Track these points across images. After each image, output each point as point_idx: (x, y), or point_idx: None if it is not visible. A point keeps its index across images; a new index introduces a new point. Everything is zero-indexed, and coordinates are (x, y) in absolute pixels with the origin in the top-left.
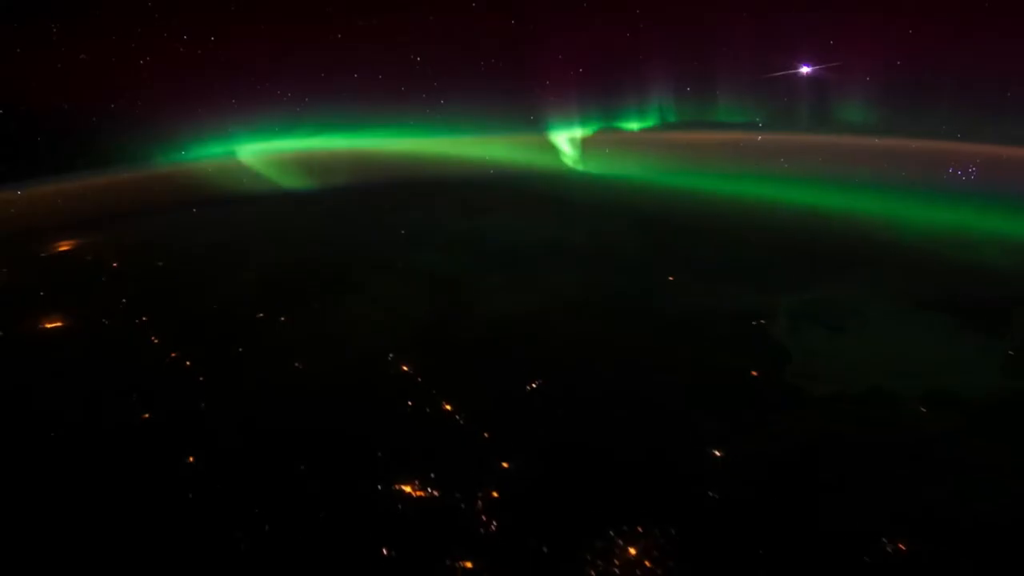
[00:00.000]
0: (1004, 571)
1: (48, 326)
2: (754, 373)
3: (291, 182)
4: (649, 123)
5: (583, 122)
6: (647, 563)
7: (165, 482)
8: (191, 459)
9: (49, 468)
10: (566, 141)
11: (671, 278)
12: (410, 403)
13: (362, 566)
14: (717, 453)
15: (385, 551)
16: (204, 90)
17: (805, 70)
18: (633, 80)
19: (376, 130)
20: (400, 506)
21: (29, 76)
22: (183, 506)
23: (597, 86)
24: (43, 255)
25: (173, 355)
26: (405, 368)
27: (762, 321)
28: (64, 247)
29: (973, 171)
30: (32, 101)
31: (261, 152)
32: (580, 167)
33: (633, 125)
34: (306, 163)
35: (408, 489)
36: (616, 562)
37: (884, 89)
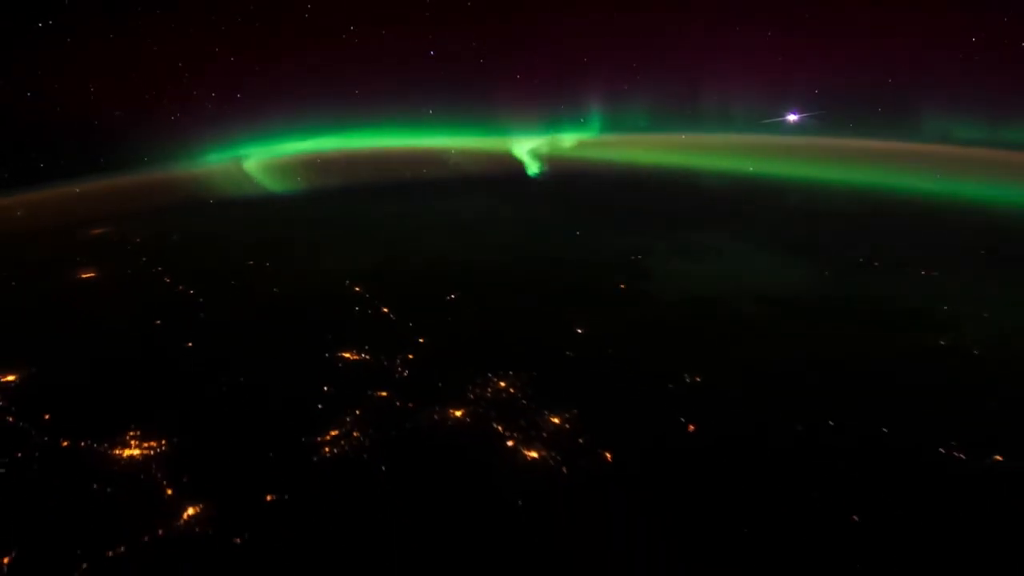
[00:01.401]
0: (773, 397)
1: (84, 276)
2: (622, 286)
3: (286, 183)
4: (587, 133)
5: (538, 131)
6: (512, 390)
7: (171, 361)
8: (189, 344)
9: (98, 351)
10: (522, 145)
11: (577, 233)
12: (356, 308)
13: (310, 398)
14: (579, 330)
15: (326, 388)
16: (212, 103)
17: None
18: (577, 99)
19: (367, 133)
20: (340, 365)
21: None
22: (184, 373)
23: (551, 104)
24: (81, 238)
25: (180, 288)
26: (357, 289)
27: (639, 256)
28: (97, 232)
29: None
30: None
31: (261, 157)
32: (531, 165)
33: (575, 134)
34: (299, 166)
35: (348, 355)
36: (488, 390)
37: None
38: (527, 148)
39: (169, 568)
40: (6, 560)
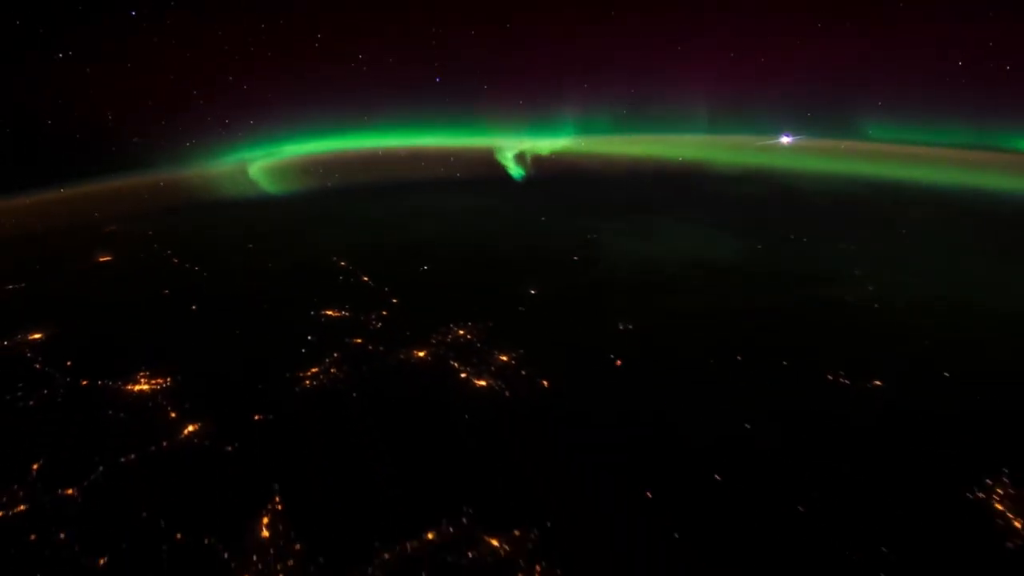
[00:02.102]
0: (690, 338)
1: (101, 260)
2: (575, 257)
3: (288, 184)
4: (568, 135)
5: (523, 134)
6: (470, 336)
7: (176, 318)
8: (193, 307)
9: (111, 313)
10: (507, 147)
11: (543, 219)
12: (340, 277)
13: (295, 345)
14: (532, 291)
15: (309, 337)
16: (218, 108)
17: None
18: (555, 111)
19: (367, 136)
20: (323, 320)
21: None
22: (187, 327)
23: (536, 110)
24: (96, 232)
25: (187, 265)
26: (343, 264)
27: (595, 235)
28: (111, 228)
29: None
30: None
31: (263, 159)
32: (514, 166)
33: (558, 137)
34: (301, 168)
35: (330, 313)
36: (449, 336)
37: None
38: (511, 150)
39: (171, 470)
40: (35, 467)
